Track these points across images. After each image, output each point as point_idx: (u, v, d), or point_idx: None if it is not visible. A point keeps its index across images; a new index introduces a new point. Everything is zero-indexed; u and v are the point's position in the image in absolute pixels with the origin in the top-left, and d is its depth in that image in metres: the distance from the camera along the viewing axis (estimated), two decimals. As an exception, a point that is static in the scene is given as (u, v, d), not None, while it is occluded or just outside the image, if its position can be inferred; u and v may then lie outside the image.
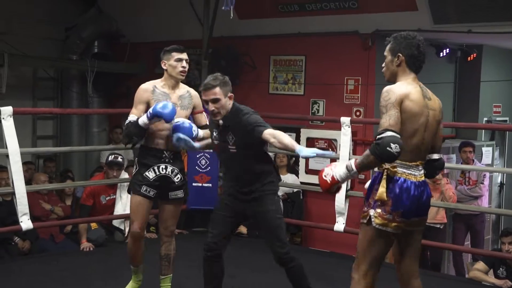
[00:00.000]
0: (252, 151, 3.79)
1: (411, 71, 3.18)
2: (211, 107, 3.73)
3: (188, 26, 8.10)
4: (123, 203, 6.19)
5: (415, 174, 3.09)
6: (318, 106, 7.77)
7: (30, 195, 5.30)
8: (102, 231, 6.09)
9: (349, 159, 5.53)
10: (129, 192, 4.23)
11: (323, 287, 4.77)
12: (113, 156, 6.35)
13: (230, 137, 3.79)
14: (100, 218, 6.00)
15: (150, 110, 3.86)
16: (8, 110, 5.00)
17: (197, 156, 6.40)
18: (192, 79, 7.53)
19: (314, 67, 7.77)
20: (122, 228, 6.22)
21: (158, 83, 4.10)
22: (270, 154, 5.07)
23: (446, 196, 6.45)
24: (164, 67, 4.09)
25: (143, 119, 3.88)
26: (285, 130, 7.92)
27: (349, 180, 5.64)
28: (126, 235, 6.17)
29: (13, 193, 5.11)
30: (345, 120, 5.68)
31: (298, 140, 7.88)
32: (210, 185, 6.41)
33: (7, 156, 5.01)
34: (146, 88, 4.06)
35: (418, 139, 3.08)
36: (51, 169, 8.00)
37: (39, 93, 9.07)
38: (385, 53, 3.24)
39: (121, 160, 6.32)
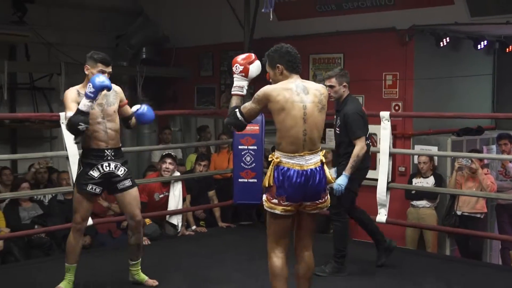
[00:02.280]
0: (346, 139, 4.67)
1: (292, 73, 3.47)
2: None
3: (230, 29, 8.20)
4: (176, 200, 6.31)
5: (299, 163, 3.35)
6: (357, 102, 7.77)
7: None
8: (156, 226, 6.23)
9: (390, 154, 5.62)
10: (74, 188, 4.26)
11: (369, 275, 4.81)
12: (165, 152, 6.49)
13: (337, 120, 4.76)
14: (154, 214, 6.14)
15: (90, 89, 3.79)
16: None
17: (242, 153, 6.49)
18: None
19: (352, 64, 7.73)
20: (175, 223, 6.35)
21: (80, 88, 4.07)
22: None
23: (484, 186, 6.33)
24: (86, 72, 4.06)
25: (84, 102, 3.81)
26: (325, 126, 8.08)
27: (390, 173, 5.66)
28: (179, 230, 6.31)
29: (73, 192, 5.31)
30: (384, 114, 5.68)
31: (338, 135, 7.91)
32: (255, 180, 6.48)
33: (67, 157, 5.20)
34: (72, 91, 4.04)
35: (293, 131, 3.36)
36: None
37: (93, 99, 9.32)
38: (267, 69, 3.55)
39: (174, 154, 6.42)
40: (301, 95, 3.40)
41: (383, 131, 5.68)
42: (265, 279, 3.71)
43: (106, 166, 4.09)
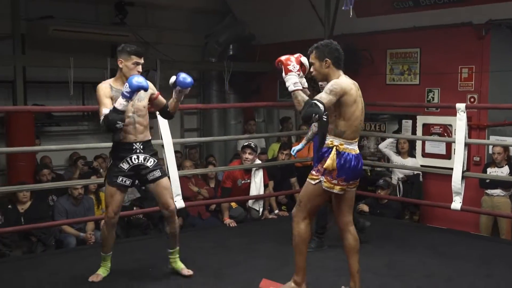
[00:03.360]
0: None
1: (338, 69, 3.59)
2: None
3: (310, 26, 8.15)
4: (257, 187, 6.36)
5: (354, 149, 3.59)
6: (433, 94, 7.58)
7: (180, 179, 5.53)
8: (241, 209, 6.31)
9: (465, 144, 5.43)
10: (104, 183, 4.08)
11: (445, 261, 4.68)
12: (246, 142, 6.55)
13: None
14: (239, 198, 6.22)
15: (126, 89, 3.62)
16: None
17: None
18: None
19: (429, 58, 7.58)
20: (257, 208, 6.41)
21: (112, 82, 3.90)
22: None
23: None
24: (120, 65, 3.86)
25: (121, 101, 3.64)
26: (402, 117, 7.94)
27: (465, 163, 5.48)
28: (260, 214, 6.37)
29: (168, 177, 5.46)
30: (460, 106, 5.49)
31: (414, 126, 7.75)
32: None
33: (162, 146, 5.34)
34: (105, 86, 3.85)
35: (357, 122, 3.57)
36: (194, 156, 8.44)
37: (185, 92, 9.53)
38: (312, 60, 3.61)
39: (253, 145, 6.49)
40: (358, 91, 3.60)
41: (459, 122, 5.50)
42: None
43: (135, 158, 3.93)
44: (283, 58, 3.56)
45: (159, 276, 4.19)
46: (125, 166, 3.93)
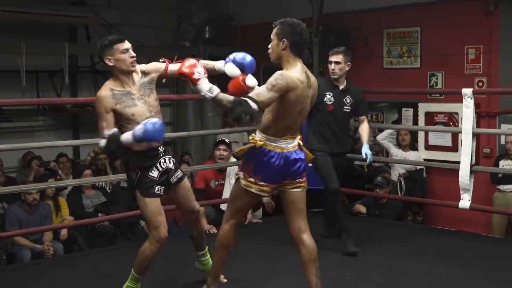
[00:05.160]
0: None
1: (296, 56, 3.53)
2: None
3: (297, 4, 8.07)
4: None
5: (281, 146, 3.53)
6: (436, 79, 7.57)
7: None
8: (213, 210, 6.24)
9: (473, 134, 5.40)
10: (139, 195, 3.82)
11: (454, 268, 4.64)
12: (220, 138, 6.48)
13: (346, 99, 5.13)
14: (209, 202, 6.09)
15: (139, 134, 3.53)
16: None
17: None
18: (304, 58, 7.51)
19: (430, 38, 7.58)
20: None
21: (111, 84, 3.74)
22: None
23: None
24: (111, 64, 3.72)
25: (128, 138, 3.57)
26: (401, 105, 7.93)
27: (474, 155, 5.47)
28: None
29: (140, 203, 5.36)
30: (467, 91, 5.46)
31: (416, 115, 7.74)
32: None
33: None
34: (105, 95, 3.66)
35: (290, 121, 3.51)
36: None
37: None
38: (272, 36, 3.57)
39: (228, 141, 6.39)
40: (307, 89, 3.53)
41: (466, 110, 5.48)
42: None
43: (163, 162, 3.82)
44: (183, 69, 3.48)
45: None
46: (155, 174, 3.77)
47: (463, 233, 5.87)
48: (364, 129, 5.19)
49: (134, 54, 3.73)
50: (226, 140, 6.43)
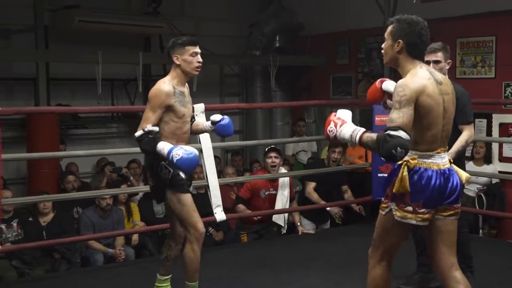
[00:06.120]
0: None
1: (414, 59, 3.08)
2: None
3: (368, 14, 8.02)
4: (283, 200, 6.28)
5: (436, 163, 3.04)
6: (512, 89, 7.37)
7: (221, 188, 5.51)
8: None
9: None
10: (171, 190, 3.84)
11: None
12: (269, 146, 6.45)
13: None
14: (258, 213, 6.17)
15: (177, 159, 3.54)
16: (200, 107, 5.25)
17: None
18: (375, 68, 7.46)
19: (506, 47, 7.36)
20: (282, 223, 6.35)
21: (172, 81, 3.79)
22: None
23: None
24: (177, 62, 3.77)
25: (163, 150, 3.61)
26: (475, 116, 7.69)
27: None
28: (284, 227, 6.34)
29: (206, 186, 5.45)
30: (544, 102, 5.28)
31: (489, 126, 7.53)
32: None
33: (201, 150, 5.31)
34: (169, 91, 3.72)
35: (436, 130, 3.03)
36: (237, 162, 8.39)
37: (226, 90, 9.55)
38: (385, 36, 3.13)
39: (278, 148, 6.36)
40: (438, 86, 3.05)
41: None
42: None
43: None
44: (328, 129, 3.07)
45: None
46: (183, 175, 3.81)
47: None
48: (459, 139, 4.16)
49: (201, 60, 3.81)
50: (277, 147, 6.40)
